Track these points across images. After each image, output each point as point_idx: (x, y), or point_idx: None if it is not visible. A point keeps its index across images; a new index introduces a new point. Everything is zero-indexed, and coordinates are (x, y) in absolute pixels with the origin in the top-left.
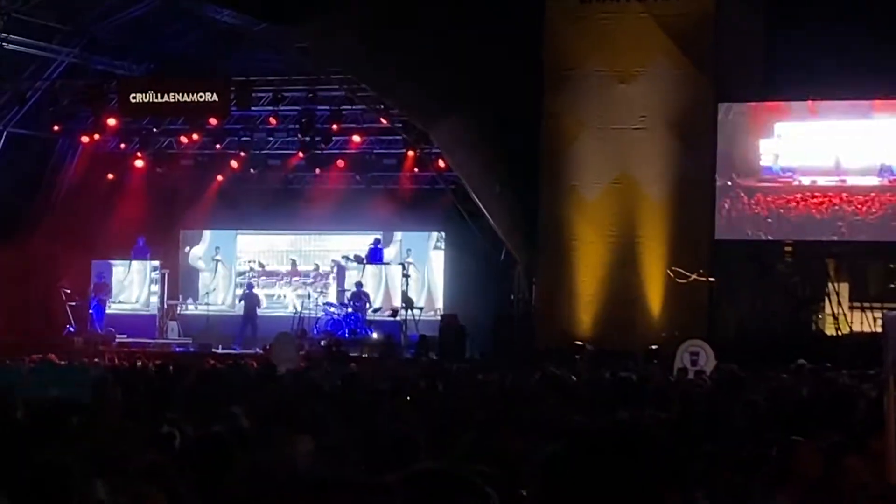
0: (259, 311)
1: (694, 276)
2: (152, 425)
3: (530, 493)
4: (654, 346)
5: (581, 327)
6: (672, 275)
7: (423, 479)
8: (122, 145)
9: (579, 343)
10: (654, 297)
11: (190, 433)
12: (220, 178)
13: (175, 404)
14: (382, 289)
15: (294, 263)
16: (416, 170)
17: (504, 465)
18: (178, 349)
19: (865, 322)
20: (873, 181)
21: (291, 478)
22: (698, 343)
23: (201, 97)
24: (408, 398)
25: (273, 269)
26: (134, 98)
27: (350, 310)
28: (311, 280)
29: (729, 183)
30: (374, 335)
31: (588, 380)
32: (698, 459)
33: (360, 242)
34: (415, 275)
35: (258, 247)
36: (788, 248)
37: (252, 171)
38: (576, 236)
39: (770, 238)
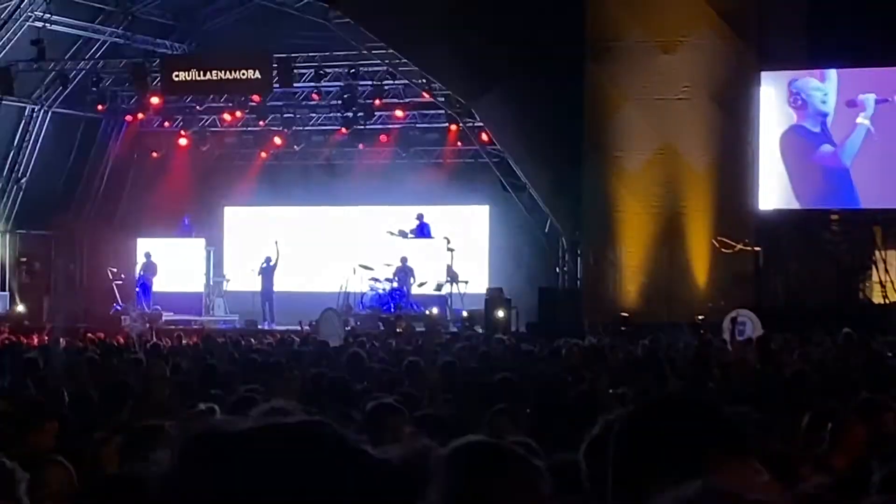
0: (300, 288)
1: (739, 246)
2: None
3: (584, 466)
4: (700, 317)
5: (627, 299)
6: (717, 244)
7: (472, 453)
8: (166, 124)
9: (625, 315)
10: (700, 267)
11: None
12: (263, 154)
13: (220, 381)
14: (427, 263)
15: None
16: (459, 144)
17: (546, 438)
18: (224, 326)
19: None
20: None
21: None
22: (745, 312)
23: (243, 74)
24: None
25: (319, 243)
26: (177, 76)
27: (395, 285)
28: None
29: (770, 151)
30: (422, 310)
31: (633, 351)
32: (748, 428)
33: (405, 217)
34: (459, 249)
35: (302, 223)
36: (835, 217)
37: (295, 147)
38: (620, 207)
39: (814, 206)
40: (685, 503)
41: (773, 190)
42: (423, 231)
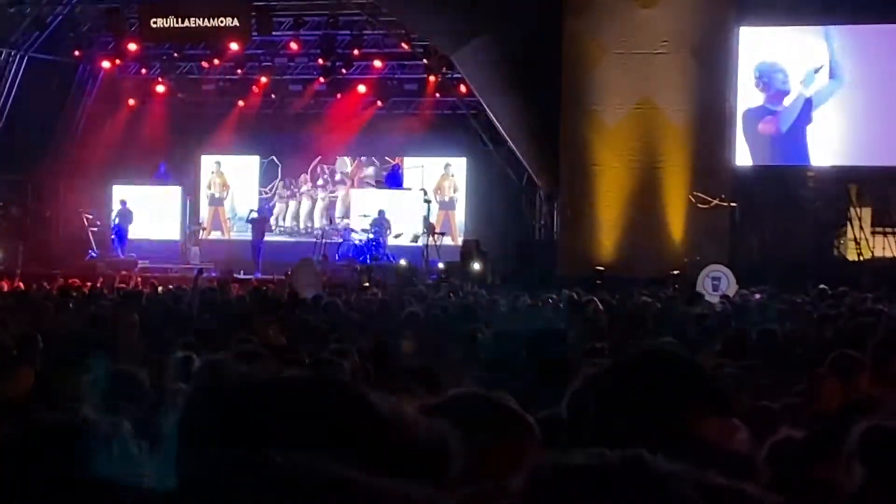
0: (274, 237)
1: (716, 202)
2: (168, 352)
3: (566, 419)
4: (675, 272)
5: (602, 253)
6: (694, 200)
7: (462, 405)
8: (143, 70)
9: (600, 268)
10: (676, 222)
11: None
12: (241, 103)
13: (193, 330)
14: (403, 215)
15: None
16: (437, 95)
17: (523, 392)
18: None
19: (887, 247)
20: None
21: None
22: (720, 268)
23: (222, 22)
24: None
25: (292, 192)
26: (154, 23)
27: (371, 236)
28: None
29: (748, 107)
30: (398, 261)
31: (607, 305)
32: (727, 382)
33: (381, 167)
34: (436, 201)
35: (279, 171)
36: (811, 174)
37: (273, 96)
38: (597, 161)
39: (791, 163)
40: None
41: (751, 146)
42: (395, 181)
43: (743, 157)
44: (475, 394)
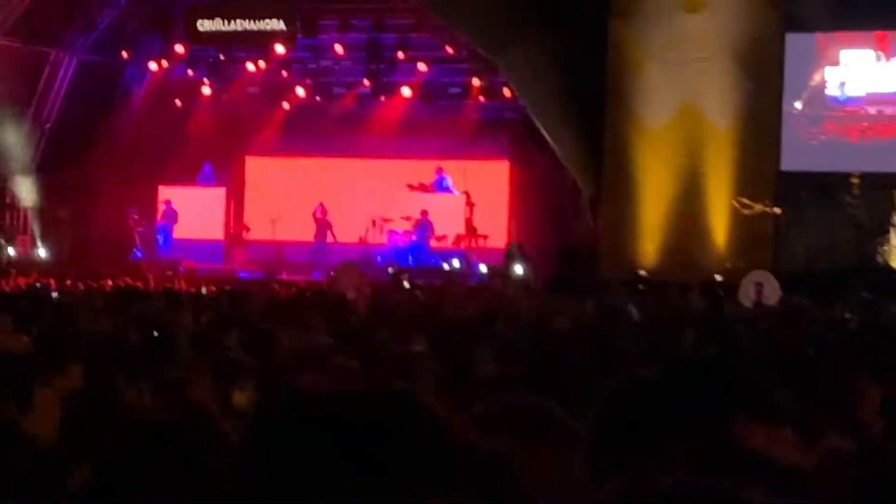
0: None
1: (759, 207)
2: (218, 353)
3: (599, 427)
4: (718, 278)
5: (645, 258)
6: (737, 205)
7: (508, 413)
8: (190, 72)
9: (643, 273)
10: (719, 227)
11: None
12: (285, 105)
13: (241, 330)
14: (447, 217)
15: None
16: (481, 98)
17: (565, 396)
18: (244, 275)
19: None
20: None
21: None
22: (763, 274)
23: (268, 24)
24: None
25: (339, 195)
26: (201, 24)
27: (414, 238)
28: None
29: (794, 113)
30: (441, 264)
31: (649, 311)
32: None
33: (426, 171)
34: (480, 204)
35: (323, 174)
36: (855, 180)
37: (317, 98)
38: (640, 166)
39: (836, 169)
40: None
41: (796, 151)
42: (440, 184)
43: (787, 162)
44: (525, 403)
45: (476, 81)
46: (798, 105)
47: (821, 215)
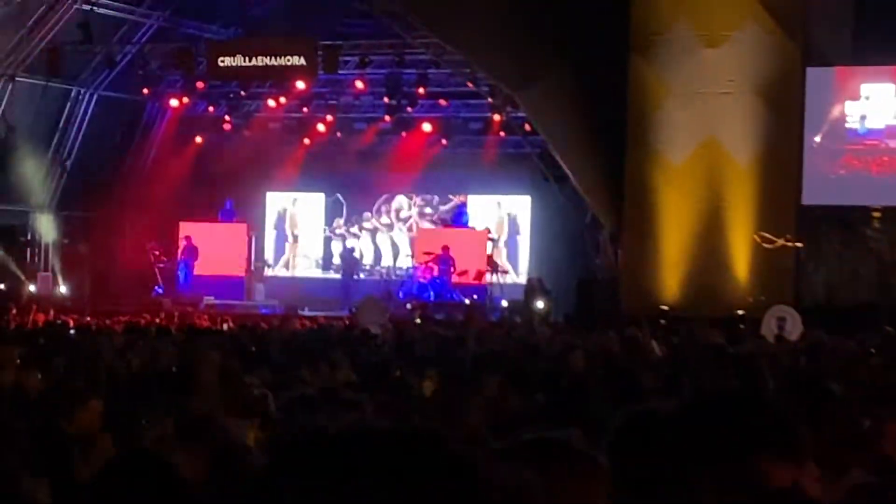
0: (337, 275)
1: (781, 241)
2: (242, 388)
3: (620, 460)
4: (740, 312)
5: (666, 292)
6: (758, 239)
7: (531, 446)
8: (211, 108)
9: (664, 308)
10: (741, 261)
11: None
12: (306, 141)
13: (264, 366)
14: (468, 252)
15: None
16: (501, 133)
17: (587, 429)
18: (264, 311)
19: None
20: None
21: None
22: (786, 309)
23: (289, 61)
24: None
25: (357, 230)
26: (222, 61)
27: (436, 273)
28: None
29: (814, 147)
30: (462, 299)
31: (671, 345)
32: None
33: (447, 206)
34: (500, 238)
35: (343, 209)
36: (876, 213)
37: (338, 134)
38: (661, 200)
39: (857, 202)
40: None
41: (817, 185)
42: (460, 219)
43: (808, 196)
44: (547, 437)
45: (496, 117)
46: (817, 138)
47: (842, 249)
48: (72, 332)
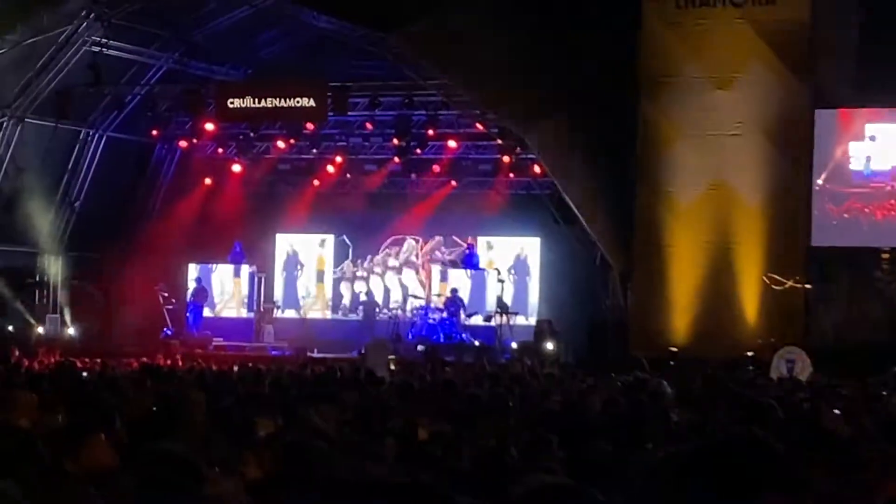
0: (345, 318)
1: (790, 283)
2: (243, 430)
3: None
4: (749, 353)
5: (675, 333)
6: (768, 281)
7: (540, 494)
8: (220, 150)
9: (674, 349)
10: (750, 303)
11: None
12: (316, 182)
13: (268, 408)
14: (477, 294)
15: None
16: (511, 175)
17: (596, 473)
18: (273, 353)
19: None
20: None
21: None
22: (795, 350)
23: (298, 102)
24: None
25: (364, 272)
26: (232, 103)
27: (445, 315)
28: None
29: (818, 189)
30: (471, 340)
31: (681, 387)
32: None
33: (456, 248)
34: (509, 280)
35: (349, 251)
36: (885, 255)
37: (348, 175)
38: (671, 242)
39: (864, 244)
40: None
41: (825, 227)
42: (470, 261)
43: (817, 237)
44: (553, 483)
45: (506, 158)
46: (820, 181)
47: (851, 290)
48: (84, 374)
